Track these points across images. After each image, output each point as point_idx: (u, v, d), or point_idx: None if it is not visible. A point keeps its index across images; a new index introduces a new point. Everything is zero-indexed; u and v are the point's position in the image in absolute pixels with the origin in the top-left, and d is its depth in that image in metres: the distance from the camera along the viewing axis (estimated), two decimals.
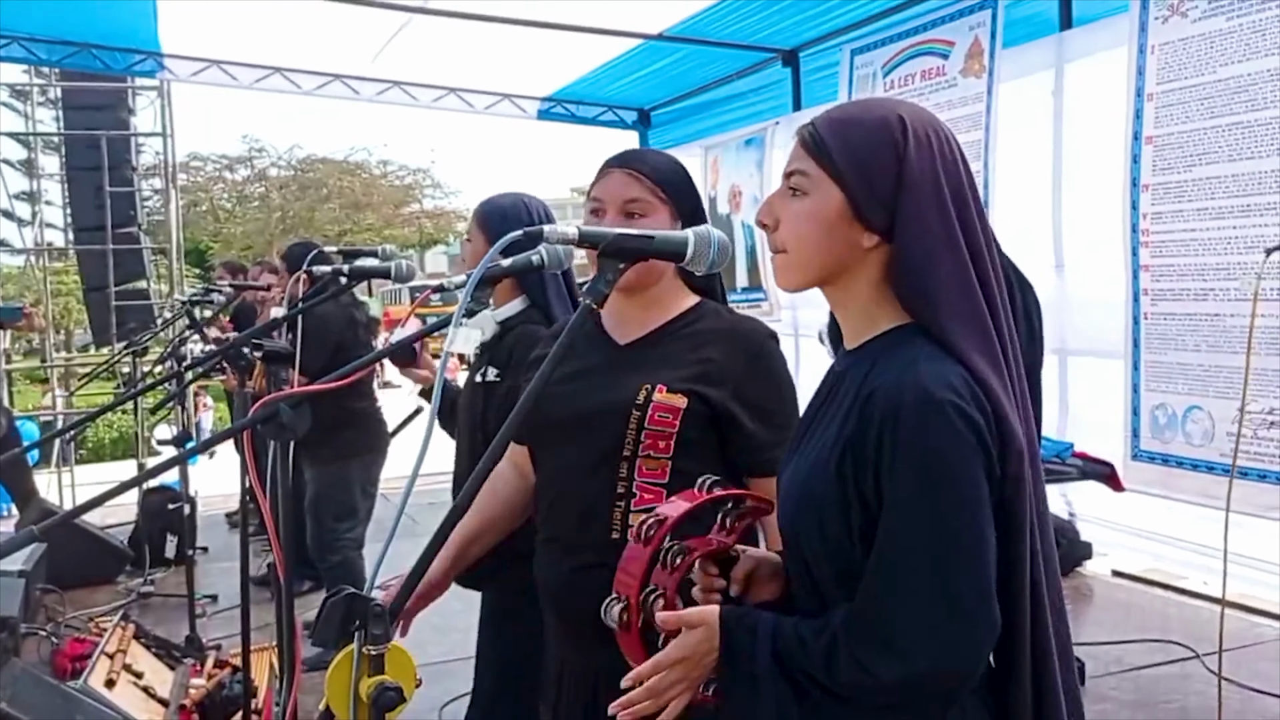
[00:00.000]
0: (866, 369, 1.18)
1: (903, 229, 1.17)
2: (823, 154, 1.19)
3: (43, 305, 9.38)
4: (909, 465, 1.09)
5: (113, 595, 5.22)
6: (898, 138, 1.18)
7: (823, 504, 1.16)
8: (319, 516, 4.34)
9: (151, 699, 3.32)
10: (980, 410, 1.11)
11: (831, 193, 1.18)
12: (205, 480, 6.00)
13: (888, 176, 1.17)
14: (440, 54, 7.08)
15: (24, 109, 10.08)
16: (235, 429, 1.65)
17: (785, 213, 1.22)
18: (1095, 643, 3.90)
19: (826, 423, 1.22)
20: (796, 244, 1.21)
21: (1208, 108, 3.58)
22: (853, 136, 1.19)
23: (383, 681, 1.05)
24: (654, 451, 1.62)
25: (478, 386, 2.22)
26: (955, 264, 1.17)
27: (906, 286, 1.18)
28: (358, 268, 2.29)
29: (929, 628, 1.08)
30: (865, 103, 1.28)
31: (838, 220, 1.18)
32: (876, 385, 1.13)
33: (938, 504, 1.09)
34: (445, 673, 3.46)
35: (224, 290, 5.04)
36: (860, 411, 1.14)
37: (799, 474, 1.22)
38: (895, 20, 5.51)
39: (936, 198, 1.18)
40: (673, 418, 1.60)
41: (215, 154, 27.53)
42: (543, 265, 1.62)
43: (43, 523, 1.41)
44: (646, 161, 1.73)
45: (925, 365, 1.13)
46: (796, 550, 1.22)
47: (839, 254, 1.20)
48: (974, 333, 1.16)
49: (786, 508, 1.23)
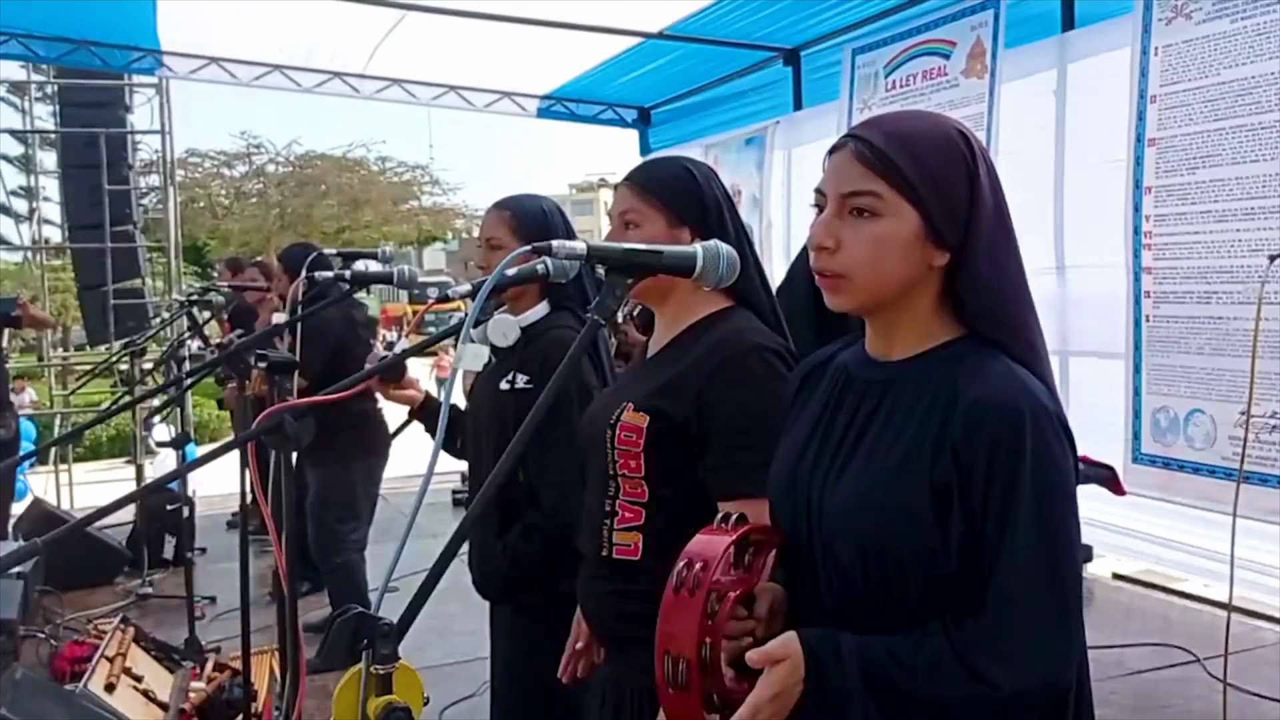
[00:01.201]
0: (938, 380, 1.16)
1: (974, 245, 1.16)
2: (896, 174, 1.14)
3: (40, 302, 9.35)
4: (1033, 479, 1.09)
5: (111, 596, 5.20)
6: (965, 153, 1.17)
7: (913, 514, 1.13)
8: (321, 518, 4.33)
9: (151, 703, 3.31)
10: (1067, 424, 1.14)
11: (908, 215, 1.15)
12: (203, 481, 5.98)
13: (961, 194, 1.16)
14: (440, 52, 7.06)
15: (21, 105, 10.06)
16: (239, 440, 1.63)
17: (854, 236, 1.16)
18: (1095, 646, 3.86)
19: (887, 432, 1.18)
20: (869, 268, 1.16)
21: (1212, 110, 3.57)
22: (923, 154, 1.15)
23: (391, 701, 1.03)
24: (628, 471, 1.60)
25: (504, 394, 2.14)
26: (1018, 274, 1.19)
27: (979, 300, 1.17)
28: (359, 273, 2.28)
29: (1048, 639, 1.09)
30: (916, 116, 1.25)
31: (914, 242, 1.16)
32: (976, 397, 1.12)
33: (1055, 518, 1.10)
34: (446, 676, 3.45)
35: (222, 290, 5.02)
36: (965, 422, 1.11)
37: (871, 485, 1.17)
38: (897, 20, 5.50)
39: (998, 211, 1.18)
40: (636, 436, 1.58)
41: (213, 150, 27.47)
42: (547, 276, 1.61)
43: (47, 534, 1.40)
44: (644, 172, 1.72)
45: (1026, 379, 1.14)
46: (868, 564, 1.16)
47: (911, 275, 1.17)
48: (1036, 339, 1.18)
49: (856, 521, 1.17)
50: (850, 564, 1.17)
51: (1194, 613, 4.37)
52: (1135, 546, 4.53)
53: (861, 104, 5.58)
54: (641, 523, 1.60)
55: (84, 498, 7.59)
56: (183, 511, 4.34)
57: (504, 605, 2.24)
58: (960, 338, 1.20)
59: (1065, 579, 1.10)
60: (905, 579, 1.14)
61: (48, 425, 9.33)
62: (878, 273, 1.16)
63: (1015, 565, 1.09)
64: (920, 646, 1.11)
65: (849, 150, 1.17)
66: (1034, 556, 1.09)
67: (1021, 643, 1.08)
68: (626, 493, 1.62)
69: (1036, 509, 1.09)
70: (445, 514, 5.97)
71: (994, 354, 1.16)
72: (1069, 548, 1.11)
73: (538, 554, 2.07)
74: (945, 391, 1.14)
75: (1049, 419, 1.11)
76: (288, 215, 27.12)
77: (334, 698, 1.07)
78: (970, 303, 1.17)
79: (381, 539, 4.62)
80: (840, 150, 1.19)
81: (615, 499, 1.63)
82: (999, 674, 1.08)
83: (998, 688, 1.08)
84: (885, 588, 1.15)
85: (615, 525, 1.62)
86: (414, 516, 1.17)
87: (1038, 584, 1.08)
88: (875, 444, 1.19)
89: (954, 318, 1.20)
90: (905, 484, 1.14)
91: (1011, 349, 1.16)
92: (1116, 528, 4.40)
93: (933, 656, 1.10)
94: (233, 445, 1.60)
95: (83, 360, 10.31)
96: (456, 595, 2.04)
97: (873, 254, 1.15)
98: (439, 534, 2.03)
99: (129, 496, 1.65)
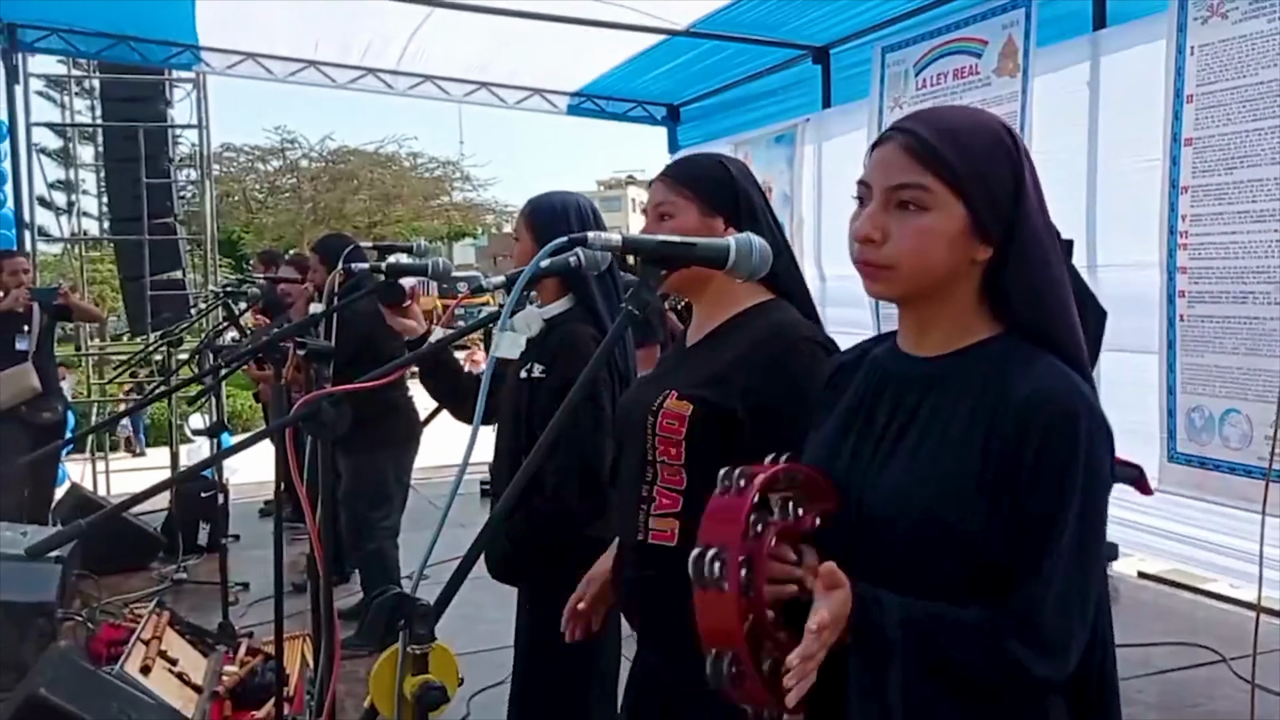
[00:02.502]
0: (984, 376, 1.17)
1: (1021, 240, 1.17)
2: (944, 167, 1.15)
3: (79, 292, 9.50)
4: (1083, 480, 1.11)
5: (146, 582, 5.28)
6: (1010, 149, 1.18)
7: (962, 510, 1.14)
8: (353, 506, 4.37)
9: (186, 685, 3.38)
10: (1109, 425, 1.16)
11: (955, 208, 1.15)
12: (237, 469, 6.07)
13: (1007, 189, 1.17)
14: (471, 49, 7.12)
15: (59, 99, 10.21)
16: (277, 426, 1.67)
17: (900, 228, 1.17)
18: (1121, 644, 3.86)
19: (933, 428, 1.19)
20: (915, 259, 1.17)
21: (1250, 110, 3.54)
22: (971, 148, 1.16)
23: (427, 680, 1.06)
24: (667, 458, 1.62)
25: (522, 383, 2.20)
26: (1060, 269, 1.20)
27: (1025, 294, 1.18)
28: (395, 265, 2.31)
29: (1077, 632, 1.12)
30: (962, 110, 1.25)
31: (960, 235, 1.17)
32: (1028, 394, 1.13)
33: (1095, 519, 1.13)
34: (474, 663, 3.48)
35: (258, 283, 5.08)
36: (1017, 418, 1.12)
37: (918, 481, 1.17)
38: (927, 18, 5.49)
39: (1041, 207, 1.20)
40: (679, 424, 1.59)
41: (248, 145, 27.72)
42: (580, 267, 1.64)
43: (89, 518, 1.45)
44: (676, 166, 1.75)
45: (1076, 379, 1.15)
46: (910, 559, 1.17)
47: (954, 268, 1.18)
48: (1079, 338, 1.20)
49: (901, 517, 1.17)
50: (891, 559, 1.17)
51: (1220, 612, 4.34)
52: (1161, 545, 4.50)
53: (892, 102, 5.57)
54: (679, 510, 1.60)
55: (120, 485, 7.71)
56: (217, 498, 4.41)
57: (524, 591, 2.28)
58: (1000, 335, 1.20)
59: (1094, 577, 1.14)
60: (946, 572, 1.15)
61: (84, 414, 9.47)
62: (924, 264, 1.17)
63: (1058, 563, 1.11)
64: (961, 615, 1.12)
65: (896, 143, 1.18)
66: (1074, 555, 1.11)
67: (1056, 635, 1.11)
68: (665, 480, 1.62)
69: (1081, 509, 1.11)
70: (474, 505, 6.03)
71: (1039, 352, 1.17)
72: (1100, 546, 1.14)
73: (538, 536, 2.11)
74: (994, 388, 1.15)
75: (1098, 421, 1.13)
76: (321, 210, 27.32)
77: (371, 676, 1.10)
78: (1016, 299, 1.18)
79: (411, 528, 4.65)
80: (886, 143, 1.19)
81: (653, 485, 1.63)
82: (1039, 663, 1.11)
83: (1028, 671, 1.11)
84: (925, 580, 1.15)
85: (652, 511, 1.63)
86: (450, 501, 1.20)
87: (1075, 581, 1.11)
88: (921, 440, 1.19)
89: (992, 314, 1.21)
90: (954, 479, 1.14)
91: (1056, 347, 1.17)
92: (1142, 526, 4.38)
93: (973, 625, 1.12)
94: (270, 432, 1.64)
95: (119, 350, 10.46)
96: (486, 584, 2.08)
97: (920, 246, 1.16)
98: (467, 524, 2.07)
99: (165, 482, 1.69)
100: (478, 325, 1.77)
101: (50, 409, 5.61)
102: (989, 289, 1.20)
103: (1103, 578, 1.19)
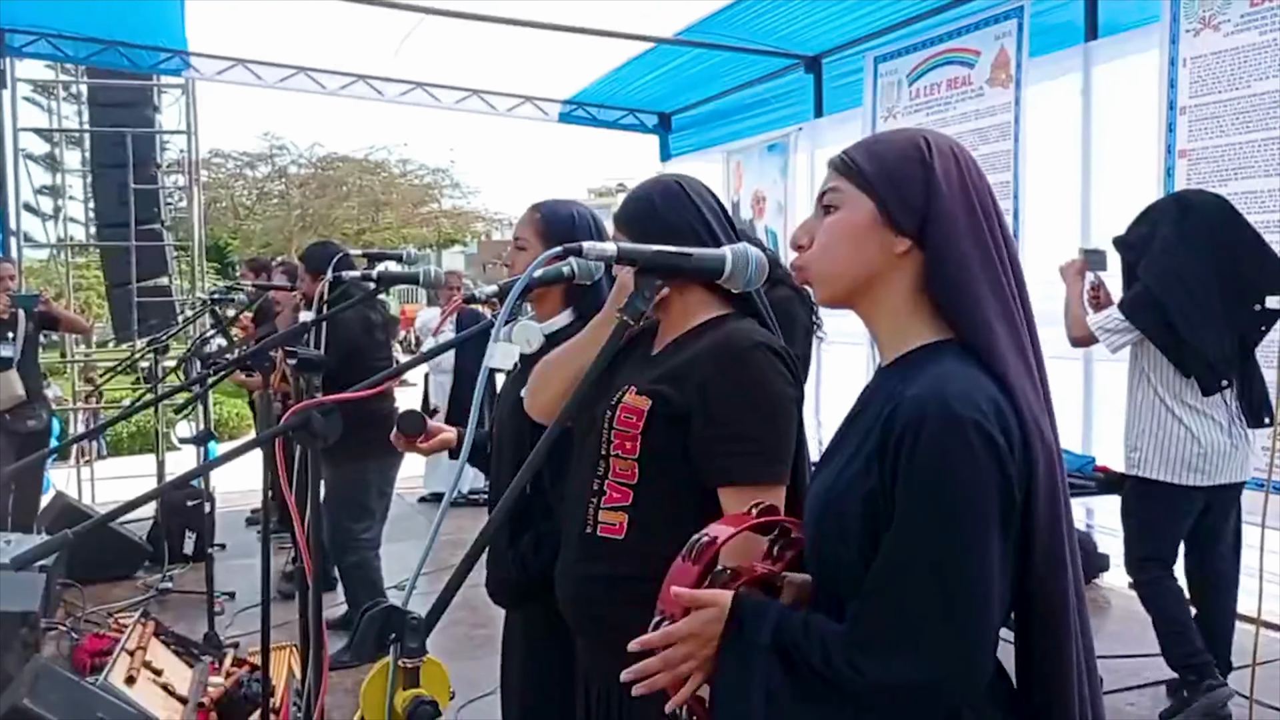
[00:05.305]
0: (896, 383, 1.19)
1: (934, 230, 1.20)
2: (853, 169, 1.24)
3: (64, 299, 9.43)
4: (921, 481, 1.11)
5: (131, 591, 5.24)
6: (923, 149, 1.23)
7: (846, 516, 1.17)
8: (335, 517, 4.35)
9: (171, 696, 3.34)
10: (1004, 431, 1.12)
11: (862, 202, 1.22)
12: (223, 478, 6.02)
13: (916, 182, 1.22)
14: (462, 55, 7.11)
15: (47, 104, 10.15)
16: (266, 436, 1.65)
17: (819, 230, 1.26)
18: (1113, 655, 3.87)
19: (853, 438, 1.24)
20: (828, 254, 1.24)
21: (1243, 122, 3.56)
22: (880, 151, 1.25)
23: (418, 695, 1.05)
24: (621, 451, 1.63)
25: (523, 400, 2.16)
26: (987, 263, 1.21)
27: (942, 285, 1.21)
28: (385, 274, 2.29)
29: (916, 636, 1.10)
30: (892, 132, 1.33)
31: (869, 227, 1.22)
32: (901, 399, 1.15)
33: (941, 520, 1.10)
34: (462, 674, 3.46)
35: (246, 290, 5.05)
36: (884, 426, 1.15)
37: (824, 487, 1.24)
38: (919, 28, 5.51)
39: (965, 201, 1.22)
40: (636, 419, 1.62)
41: (236, 151, 27.62)
42: (572, 277, 1.63)
43: (75, 527, 1.42)
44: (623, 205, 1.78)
45: (954, 382, 1.14)
46: (819, 561, 1.24)
47: (869, 261, 1.23)
48: (1009, 333, 1.19)
49: (811, 519, 1.25)
50: (818, 558, 1.25)
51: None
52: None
53: (886, 111, 5.58)
54: (629, 504, 1.63)
55: (105, 493, 7.65)
56: (203, 507, 4.38)
57: (517, 614, 2.25)
58: (933, 342, 1.22)
59: (948, 580, 1.10)
60: (844, 580, 1.18)
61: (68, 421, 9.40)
62: (833, 258, 1.24)
63: (894, 565, 1.12)
64: (830, 624, 1.16)
65: (830, 163, 1.29)
66: (913, 557, 1.11)
67: (892, 637, 1.11)
68: (616, 473, 1.64)
69: (923, 512, 1.11)
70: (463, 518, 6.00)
71: (946, 356, 1.18)
72: (965, 548, 1.10)
73: (546, 565, 2.08)
74: (895, 395, 1.17)
75: (953, 420, 1.10)
76: (309, 216, 27.24)
77: (362, 690, 1.08)
78: (935, 288, 1.22)
79: (400, 536, 4.63)
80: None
81: (604, 478, 1.66)
82: (866, 665, 1.11)
83: (864, 678, 1.11)
84: (832, 585, 1.21)
85: (602, 504, 1.65)
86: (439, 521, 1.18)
87: (913, 584, 1.10)
88: (841, 451, 1.25)
89: (934, 320, 1.23)
90: (841, 490, 1.19)
91: (983, 340, 1.18)
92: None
93: (830, 634, 1.15)
94: (260, 441, 1.62)
95: (105, 357, 10.39)
96: (472, 595, 2.05)
97: (828, 240, 1.24)
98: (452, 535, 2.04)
99: (153, 493, 1.67)
100: (471, 335, 1.75)
101: (34, 416, 5.57)
102: (928, 294, 1.23)
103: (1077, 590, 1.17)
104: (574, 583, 1.71)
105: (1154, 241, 3.30)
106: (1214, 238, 3.22)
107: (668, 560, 1.56)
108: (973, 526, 1.10)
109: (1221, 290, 3.22)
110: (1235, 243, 3.23)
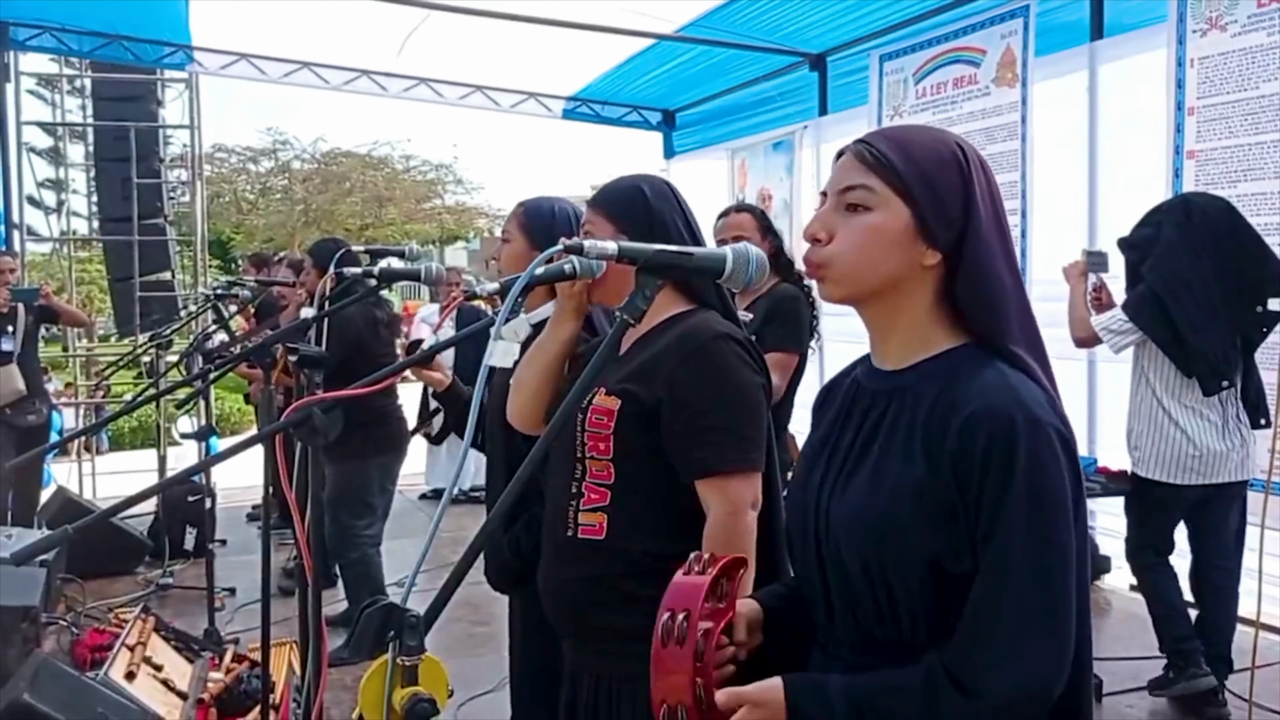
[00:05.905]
0: (937, 389, 1.17)
1: (973, 247, 1.18)
2: (890, 171, 1.18)
3: (66, 293, 9.43)
4: (1023, 491, 1.10)
5: (132, 586, 5.25)
6: (960, 161, 1.20)
7: (908, 527, 1.14)
8: (336, 514, 4.35)
9: (170, 692, 3.34)
10: (1070, 431, 1.14)
11: (898, 208, 1.18)
12: (224, 474, 6.02)
13: (955, 195, 1.19)
14: (466, 51, 7.10)
15: (50, 98, 10.16)
16: (267, 432, 1.65)
17: (843, 227, 1.20)
18: (1113, 658, 3.86)
19: (891, 444, 1.19)
20: (855, 257, 1.19)
21: (1252, 123, 3.56)
22: (914, 153, 1.19)
23: (416, 693, 1.04)
24: (595, 453, 1.65)
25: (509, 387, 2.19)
26: (1014, 279, 1.21)
27: (977, 303, 1.19)
28: (387, 270, 2.29)
29: (1031, 644, 1.10)
30: (920, 128, 1.29)
31: (902, 237, 1.18)
32: (972, 407, 1.13)
33: (1046, 528, 1.10)
34: (463, 671, 3.46)
35: (249, 285, 5.04)
36: (959, 436, 1.12)
37: (872, 502, 1.18)
38: (924, 27, 5.49)
39: (996, 218, 1.21)
40: (607, 419, 1.64)
41: (239, 145, 27.60)
42: (575, 275, 1.63)
43: (76, 522, 1.41)
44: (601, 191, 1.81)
45: (1021, 389, 1.14)
46: (871, 576, 1.17)
47: (897, 270, 1.20)
48: (1034, 346, 1.19)
49: (858, 535, 1.18)
50: (855, 574, 1.19)
51: None
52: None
53: (891, 110, 5.57)
54: (607, 504, 1.65)
55: (106, 488, 7.65)
56: (204, 503, 4.37)
57: (518, 598, 2.26)
58: (959, 346, 1.21)
59: (1055, 586, 1.10)
60: (912, 591, 1.15)
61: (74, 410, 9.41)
62: (861, 261, 1.19)
63: (999, 573, 1.10)
64: (912, 674, 1.12)
65: (851, 152, 1.23)
66: (1021, 567, 1.10)
67: (1007, 649, 1.09)
68: (593, 475, 1.66)
69: (1029, 521, 1.10)
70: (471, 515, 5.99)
71: (991, 362, 1.17)
72: (1060, 553, 1.11)
73: (537, 544, 2.09)
74: (943, 402, 1.16)
75: (1041, 429, 1.11)
76: (312, 212, 27.21)
77: (360, 688, 1.08)
78: (968, 306, 1.20)
79: (400, 534, 4.62)
80: (844, 153, 1.24)
81: (581, 481, 1.67)
82: (985, 680, 1.09)
83: (982, 696, 1.09)
84: (895, 598, 1.16)
85: (581, 506, 1.67)
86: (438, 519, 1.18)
87: (1023, 593, 1.10)
88: (880, 455, 1.20)
89: (954, 326, 1.22)
90: (905, 498, 1.15)
91: (1017, 352, 1.18)
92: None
93: (929, 676, 1.11)
94: (261, 438, 1.61)
95: (107, 351, 10.39)
96: (471, 593, 2.05)
97: (859, 242, 1.19)
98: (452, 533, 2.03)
99: (155, 488, 1.67)
100: (472, 332, 1.75)
101: (35, 411, 5.57)
102: (949, 300, 1.21)
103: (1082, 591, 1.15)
104: (557, 586, 1.73)
105: (1158, 243, 3.33)
106: (1217, 241, 3.27)
107: (648, 556, 1.57)
108: (1066, 532, 1.12)
109: (1224, 292, 3.28)
110: (1238, 245, 3.28)
